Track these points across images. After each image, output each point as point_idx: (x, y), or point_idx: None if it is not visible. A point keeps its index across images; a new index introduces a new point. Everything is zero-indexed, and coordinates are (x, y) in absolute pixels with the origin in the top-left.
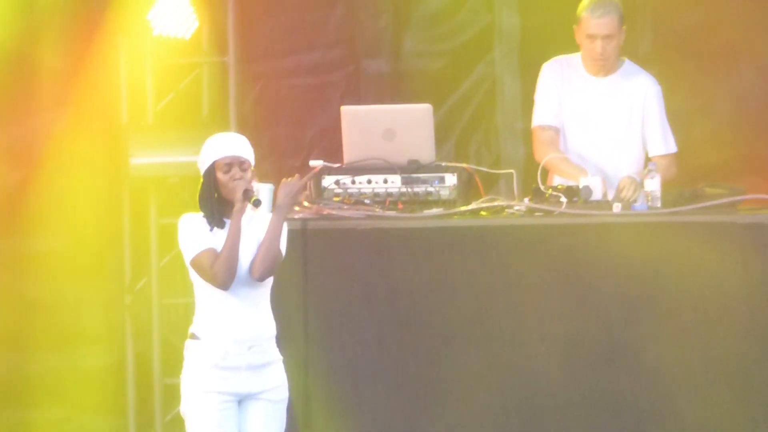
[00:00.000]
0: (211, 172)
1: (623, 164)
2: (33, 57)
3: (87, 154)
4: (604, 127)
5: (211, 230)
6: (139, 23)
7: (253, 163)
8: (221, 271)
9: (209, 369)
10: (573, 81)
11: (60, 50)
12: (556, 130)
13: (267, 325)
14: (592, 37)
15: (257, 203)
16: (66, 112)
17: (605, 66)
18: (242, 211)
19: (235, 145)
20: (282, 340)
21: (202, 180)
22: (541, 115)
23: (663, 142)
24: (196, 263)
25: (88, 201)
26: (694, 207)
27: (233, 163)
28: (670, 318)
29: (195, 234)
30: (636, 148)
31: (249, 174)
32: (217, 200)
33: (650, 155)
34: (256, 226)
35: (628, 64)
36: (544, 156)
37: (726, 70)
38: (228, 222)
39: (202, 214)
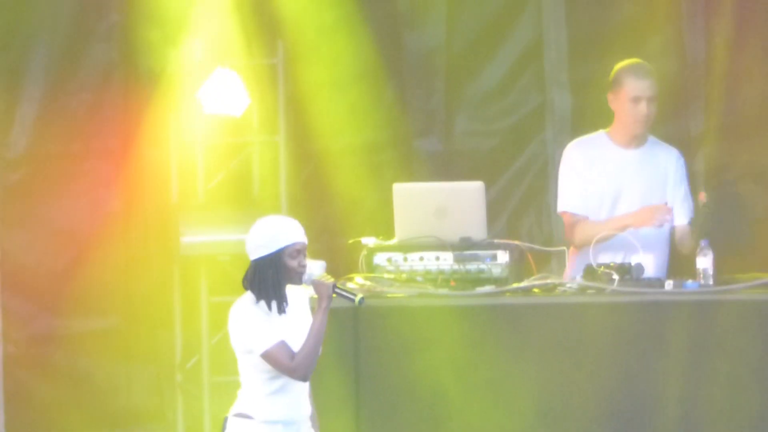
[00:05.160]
0: (277, 257)
1: (662, 232)
2: (85, 138)
3: (138, 233)
4: (640, 195)
5: (270, 314)
6: (189, 102)
7: None
8: (304, 366)
9: None
10: (600, 158)
11: (111, 130)
12: (583, 218)
13: (309, 403)
14: (637, 99)
15: (362, 302)
16: (118, 191)
17: (646, 129)
18: (329, 306)
19: (299, 230)
20: (334, 416)
21: (259, 263)
22: (567, 200)
23: (687, 213)
24: (269, 356)
25: (139, 279)
26: (747, 285)
27: (301, 249)
28: (726, 395)
29: (260, 325)
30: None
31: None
32: (282, 285)
33: (675, 223)
34: (303, 306)
35: (651, 139)
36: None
37: None
38: (283, 305)
39: (256, 299)
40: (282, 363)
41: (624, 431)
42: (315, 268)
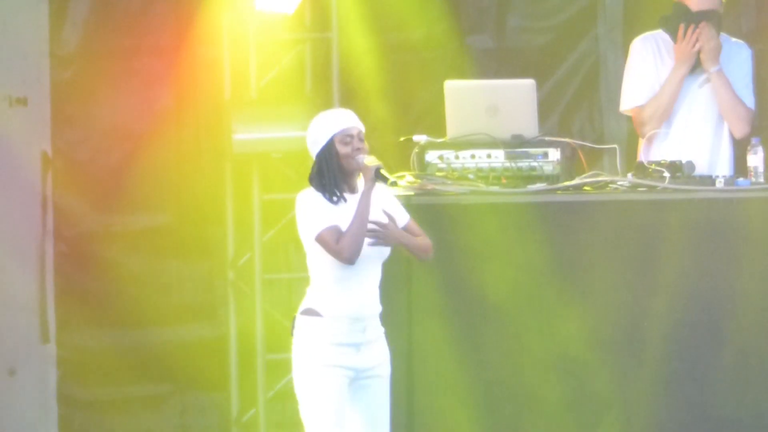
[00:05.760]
0: (330, 146)
1: (724, 133)
2: (137, 34)
3: (190, 131)
4: (703, 99)
5: (335, 204)
6: None
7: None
8: (348, 246)
9: (328, 345)
10: (668, 53)
11: (163, 27)
12: None
13: (377, 302)
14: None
15: (393, 184)
16: (170, 89)
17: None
18: (372, 188)
19: (350, 117)
20: (386, 315)
21: (317, 157)
22: (633, 97)
23: (749, 102)
24: (321, 239)
25: (191, 177)
26: None
27: (353, 135)
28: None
29: (317, 211)
30: None
31: (366, 144)
32: (338, 174)
33: None
34: (378, 198)
35: (721, 37)
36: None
37: None
38: (347, 197)
39: (315, 190)
40: (330, 245)
41: (676, 326)
42: (369, 159)
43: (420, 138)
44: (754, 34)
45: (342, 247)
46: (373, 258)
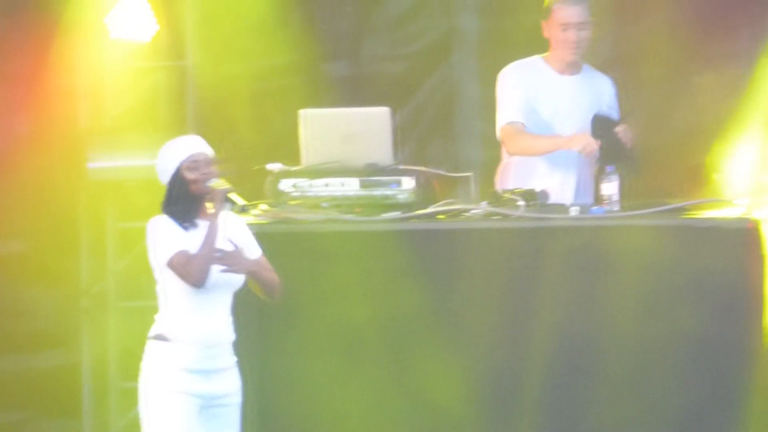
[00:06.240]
0: (178, 173)
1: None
2: None
3: (45, 159)
4: (573, 122)
5: (186, 230)
6: (97, 27)
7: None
8: (196, 270)
9: (177, 371)
10: (539, 81)
11: (20, 54)
12: (524, 126)
13: (230, 329)
14: (566, 26)
15: (244, 210)
16: (26, 116)
17: (578, 56)
18: (219, 211)
19: (196, 143)
20: (238, 344)
21: (167, 186)
22: (510, 113)
23: None
24: (171, 264)
25: (46, 205)
26: (650, 211)
27: (199, 160)
28: (625, 318)
29: (168, 235)
30: None
31: (215, 169)
32: (188, 201)
33: None
34: (227, 228)
35: (586, 67)
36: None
37: (685, 76)
38: (199, 223)
39: (167, 216)
40: (179, 270)
41: (529, 355)
42: (217, 183)
43: (274, 166)
44: (610, 62)
45: (189, 271)
46: (224, 285)
